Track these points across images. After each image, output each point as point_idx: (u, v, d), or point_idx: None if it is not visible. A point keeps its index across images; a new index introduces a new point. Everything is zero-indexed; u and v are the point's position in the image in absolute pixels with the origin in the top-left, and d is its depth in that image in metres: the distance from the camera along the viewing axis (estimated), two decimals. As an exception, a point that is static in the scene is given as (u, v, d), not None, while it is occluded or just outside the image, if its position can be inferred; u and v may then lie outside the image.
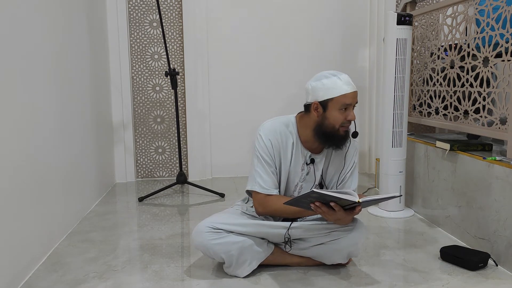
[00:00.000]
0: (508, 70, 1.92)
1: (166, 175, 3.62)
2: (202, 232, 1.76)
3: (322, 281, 1.75)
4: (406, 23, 2.44)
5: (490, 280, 1.74)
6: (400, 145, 2.53)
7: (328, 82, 1.75)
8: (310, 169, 1.83)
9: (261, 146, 1.78)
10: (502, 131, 1.98)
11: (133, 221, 2.58)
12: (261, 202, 1.78)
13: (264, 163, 1.77)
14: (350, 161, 1.86)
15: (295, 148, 1.81)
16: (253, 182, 1.78)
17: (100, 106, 3.12)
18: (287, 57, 3.56)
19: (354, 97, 1.75)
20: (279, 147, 1.80)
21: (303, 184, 1.85)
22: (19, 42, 1.82)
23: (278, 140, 1.79)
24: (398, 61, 2.47)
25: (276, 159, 1.79)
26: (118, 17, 3.35)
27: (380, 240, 2.20)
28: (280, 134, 1.80)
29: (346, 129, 1.76)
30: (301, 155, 1.82)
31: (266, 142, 1.78)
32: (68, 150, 2.38)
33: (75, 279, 1.79)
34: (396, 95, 2.50)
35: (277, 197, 1.78)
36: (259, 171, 1.77)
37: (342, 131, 1.75)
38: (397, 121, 2.51)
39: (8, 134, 1.69)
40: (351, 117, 1.73)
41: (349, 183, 1.85)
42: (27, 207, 1.84)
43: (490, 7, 2.05)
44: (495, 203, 1.89)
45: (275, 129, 1.80)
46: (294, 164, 1.82)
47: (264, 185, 1.76)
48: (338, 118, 1.73)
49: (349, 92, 1.74)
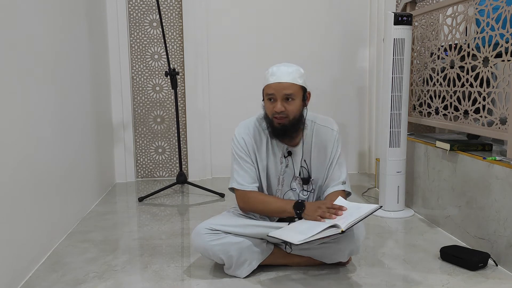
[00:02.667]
0: (508, 70, 1.92)
1: (166, 175, 3.62)
2: (201, 234, 1.76)
3: (322, 281, 1.75)
4: (403, 23, 2.44)
5: (490, 280, 1.74)
6: (398, 145, 2.53)
7: (265, 72, 1.80)
8: (288, 162, 1.85)
9: (236, 145, 1.85)
10: (502, 131, 1.98)
11: (133, 221, 2.58)
12: (241, 199, 1.83)
13: (239, 160, 1.83)
14: (330, 152, 1.85)
15: (271, 142, 1.84)
16: (232, 179, 1.85)
17: (100, 106, 3.12)
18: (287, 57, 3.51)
19: (276, 88, 1.73)
20: (253, 144, 1.84)
21: (284, 176, 1.86)
22: (19, 42, 1.82)
23: (251, 137, 1.84)
24: (396, 61, 2.47)
25: (252, 155, 1.83)
26: (118, 17, 3.35)
27: (380, 240, 2.20)
28: (254, 131, 1.85)
29: (280, 121, 1.75)
30: (278, 148, 1.85)
31: (239, 140, 1.84)
32: (68, 150, 2.38)
33: (75, 279, 1.79)
34: (394, 95, 2.50)
35: (256, 193, 1.82)
36: (236, 168, 1.84)
37: (276, 122, 1.76)
38: (394, 121, 2.51)
39: (8, 134, 1.69)
40: (276, 108, 1.73)
41: (336, 174, 1.84)
42: (27, 207, 1.84)
43: (490, 7, 2.05)
44: (495, 203, 1.89)
45: (248, 127, 1.86)
46: (272, 158, 1.85)
47: (242, 182, 1.82)
48: (268, 108, 1.78)
49: (272, 83, 1.75)
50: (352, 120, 3.69)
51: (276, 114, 1.74)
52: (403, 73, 2.47)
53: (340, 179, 1.84)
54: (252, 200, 1.81)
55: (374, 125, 3.61)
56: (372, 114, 3.64)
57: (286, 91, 1.73)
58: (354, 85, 3.66)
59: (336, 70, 3.61)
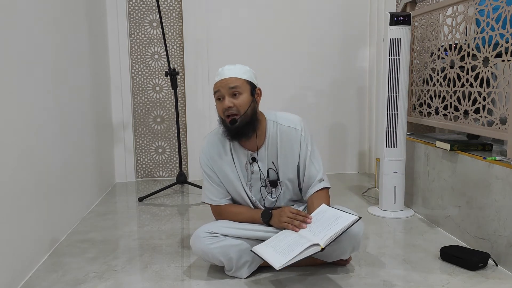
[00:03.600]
0: (508, 70, 1.92)
1: (166, 175, 3.62)
2: (200, 238, 1.76)
3: (322, 281, 1.75)
4: (399, 23, 2.44)
5: (490, 280, 1.74)
6: (394, 145, 2.53)
7: None
8: (254, 168, 1.84)
9: (201, 162, 1.88)
10: (502, 131, 1.98)
11: (133, 221, 2.58)
12: (215, 213, 1.89)
13: (207, 177, 1.86)
14: (299, 152, 1.84)
15: (234, 150, 1.84)
16: (204, 195, 1.90)
17: (100, 106, 3.12)
18: (287, 57, 3.56)
19: (221, 85, 1.74)
20: (216, 158, 1.84)
21: (252, 182, 1.86)
22: (19, 42, 1.82)
23: (213, 152, 1.85)
24: (392, 61, 2.47)
25: (216, 170, 1.84)
26: (118, 17, 3.35)
27: (380, 240, 2.20)
28: (217, 144, 1.86)
29: (232, 117, 1.74)
30: (243, 155, 1.84)
31: (204, 158, 1.87)
32: (68, 150, 2.38)
33: (75, 279, 1.79)
34: (390, 96, 2.50)
35: (228, 206, 1.86)
36: (206, 184, 1.88)
37: (228, 121, 1.75)
38: (391, 122, 2.51)
39: (8, 134, 1.69)
40: (224, 104, 1.72)
41: (312, 171, 1.84)
42: (27, 207, 1.84)
43: (490, 7, 2.05)
44: (495, 203, 1.89)
45: (211, 142, 1.88)
46: (239, 166, 1.84)
47: (213, 197, 1.86)
48: (218, 109, 1.77)
49: (216, 81, 1.76)
50: (352, 120, 3.69)
51: (226, 111, 1.73)
52: (399, 73, 2.47)
53: (318, 177, 1.84)
54: (225, 213, 1.86)
55: (374, 125, 3.61)
56: (372, 114, 3.64)
57: (230, 85, 1.73)
58: (354, 85, 3.65)
59: (336, 70, 3.61)
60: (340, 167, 3.71)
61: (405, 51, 2.46)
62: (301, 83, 3.61)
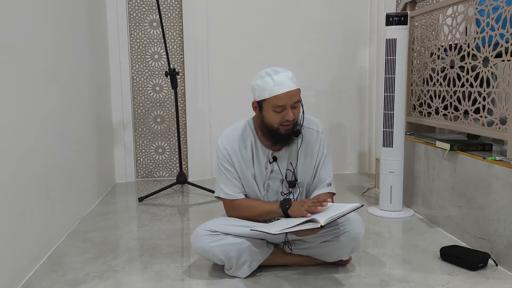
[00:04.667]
0: (508, 70, 1.92)
1: (166, 175, 3.62)
2: (200, 236, 1.76)
3: (322, 281, 1.75)
4: (394, 23, 2.45)
5: (490, 280, 1.74)
6: (390, 145, 2.53)
7: (261, 83, 1.71)
8: (273, 167, 1.83)
9: (219, 155, 1.83)
10: (502, 131, 1.98)
11: (133, 221, 2.58)
12: (229, 207, 1.85)
13: (224, 171, 1.82)
14: (316, 152, 1.85)
15: (255, 149, 1.82)
16: (218, 189, 1.85)
17: (100, 106, 3.12)
18: (287, 57, 3.56)
19: (287, 98, 1.68)
20: (237, 152, 1.81)
21: (270, 182, 1.85)
22: (19, 42, 1.82)
23: (234, 146, 1.81)
24: (388, 61, 2.48)
25: (236, 164, 1.81)
26: (118, 17, 3.35)
27: (380, 240, 2.20)
28: (237, 139, 1.82)
29: (287, 128, 1.73)
30: (263, 154, 1.83)
31: (223, 151, 1.82)
32: (68, 150, 2.38)
33: (75, 279, 1.79)
34: (387, 96, 2.50)
35: (243, 200, 1.83)
36: (223, 179, 1.84)
37: (282, 130, 1.73)
38: (387, 121, 2.52)
39: (8, 134, 1.69)
40: (289, 117, 1.69)
41: (322, 175, 1.85)
42: (27, 207, 1.84)
43: (490, 7, 2.05)
44: (495, 203, 1.89)
45: (231, 136, 1.83)
46: (257, 165, 1.83)
47: (228, 192, 1.82)
48: (274, 118, 1.71)
49: (280, 93, 1.67)
50: (352, 120, 3.69)
51: (286, 122, 1.71)
52: (395, 73, 2.47)
53: (326, 181, 1.85)
54: (239, 207, 1.83)
55: (374, 125, 3.61)
56: (372, 114, 3.64)
57: (295, 99, 1.71)
58: (354, 85, 3.65)
59: (336, 70, 3.61)
60: (340, 167, 3.71)
61: (401, 51, 2.46)
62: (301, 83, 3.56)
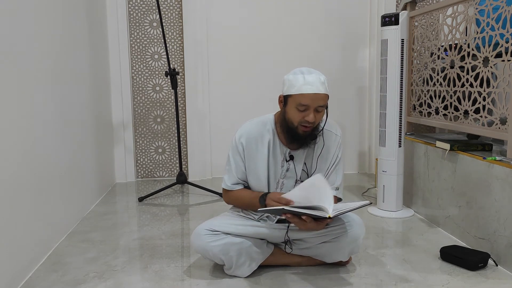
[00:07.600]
0: (508, 70, 1.92)
1: (166, 175, 3.62)
2: (201, 235, 1.76)
3: (322, 281, 1.75)
4: (386, 24, 2.46)
5: (490, 280, 1.74)
6: (383, 144, 2.53)
7: (292, 79, 1.73)
8: (289, 166, 1.82)
9: (233, 146, 1.84)
10: (502, 131, 1.98)
11: (133, 221, 2.58)
12: (225, 195, 1.90)
13: (232, 163, 1.83)
14: (332, 156, 1.84)
15: (273, 146, 1.81)
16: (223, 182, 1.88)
17: (100, 106, 3.12)
18: (287, 57, 3.56)
19: (313, 99, 1.68)
20: (252, 148, 1.81)
21: (284, 180, 1.84)
22: (19, 42, 1.82)
23: (251, 141, 1.81)
24: (382, 62, 2.51)
25: (247, 159, 1.81)
26: (118, 17, 3.35)
27: (380, 240, 2.20)
28: (255, 135, 1.81)
29: (306, 129, 1.72)
30: (280, 152, 1.82)
31: (237, 144, 1.82)
32: (68, 150, 2.38)
33: (75, 279, 1.79)
34: (382, 95, 2.52)
35: (236, 190, 1.85)
36: (228, 168, 1.86)
37: (301, 130, 1.72)
38: (382, 121, 2.53)
39: (8, 134, 1.69)
40: (310, 118, 1.68)
41: (332, 178, 1.83)
42: (27, 207, 1.84)
43: (490, 7, 2.05)
44: (495, 203, 1.89)
45: (250, 130, 1.82)
46: (273, 162, 1.81)
47: (228, 183, 1.85)
48: (295, 116, 1.71)
49: (307, 93, 1.68)
50: (352, 120, 3.69)
51: (306, 123, 1.70)
52: (387, 73, 2.49)
53: (335, 184, 1.83)
54: (231, 196, 1.87)
55: (374, 125, 3.61)
56: (372, 114, 3.64)
57: (320, 103, 1.71)
58: (354, 85, 3.65)
59: (336, 70, 3.61)
60: (340, 167, 3.71)
61: (392, 52, 2.47)
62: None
